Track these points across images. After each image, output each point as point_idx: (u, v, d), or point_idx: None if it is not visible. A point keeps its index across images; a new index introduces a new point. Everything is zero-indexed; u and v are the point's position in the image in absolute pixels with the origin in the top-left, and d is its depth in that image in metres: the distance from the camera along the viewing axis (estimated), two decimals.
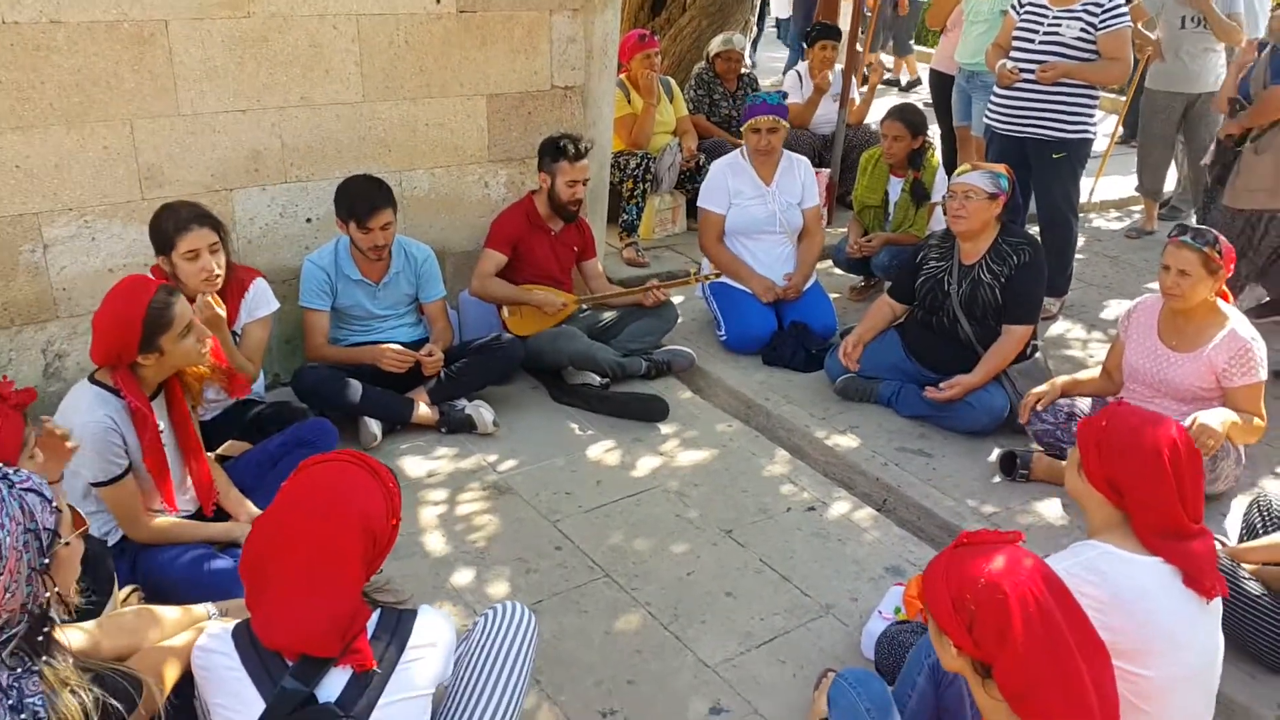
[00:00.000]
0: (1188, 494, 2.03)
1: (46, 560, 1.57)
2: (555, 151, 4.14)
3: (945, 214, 3.95)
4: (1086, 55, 4.54)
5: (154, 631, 2.00)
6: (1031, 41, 4.63)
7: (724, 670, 2.70)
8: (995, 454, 3.73)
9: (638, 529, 3.31)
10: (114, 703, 1.64)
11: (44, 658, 1.59)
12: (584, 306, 4.47)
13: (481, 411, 3.85)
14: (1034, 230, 4.78)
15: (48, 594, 1.60)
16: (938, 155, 5.22)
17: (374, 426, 3.72)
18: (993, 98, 4.89)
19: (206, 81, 3.62)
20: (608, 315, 4.46)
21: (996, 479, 3.61)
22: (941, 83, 6.70)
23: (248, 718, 1.77)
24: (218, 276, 3.19)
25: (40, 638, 1.60)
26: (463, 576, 3.06)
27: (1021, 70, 4.63)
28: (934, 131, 6.85)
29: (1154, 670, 1.99)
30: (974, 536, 1.73)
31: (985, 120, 4.98)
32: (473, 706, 2.05)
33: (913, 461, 3.72)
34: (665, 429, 3.97)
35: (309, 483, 1.87)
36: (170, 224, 3.13)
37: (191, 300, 2.93)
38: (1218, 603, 2.10)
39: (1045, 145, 4.73)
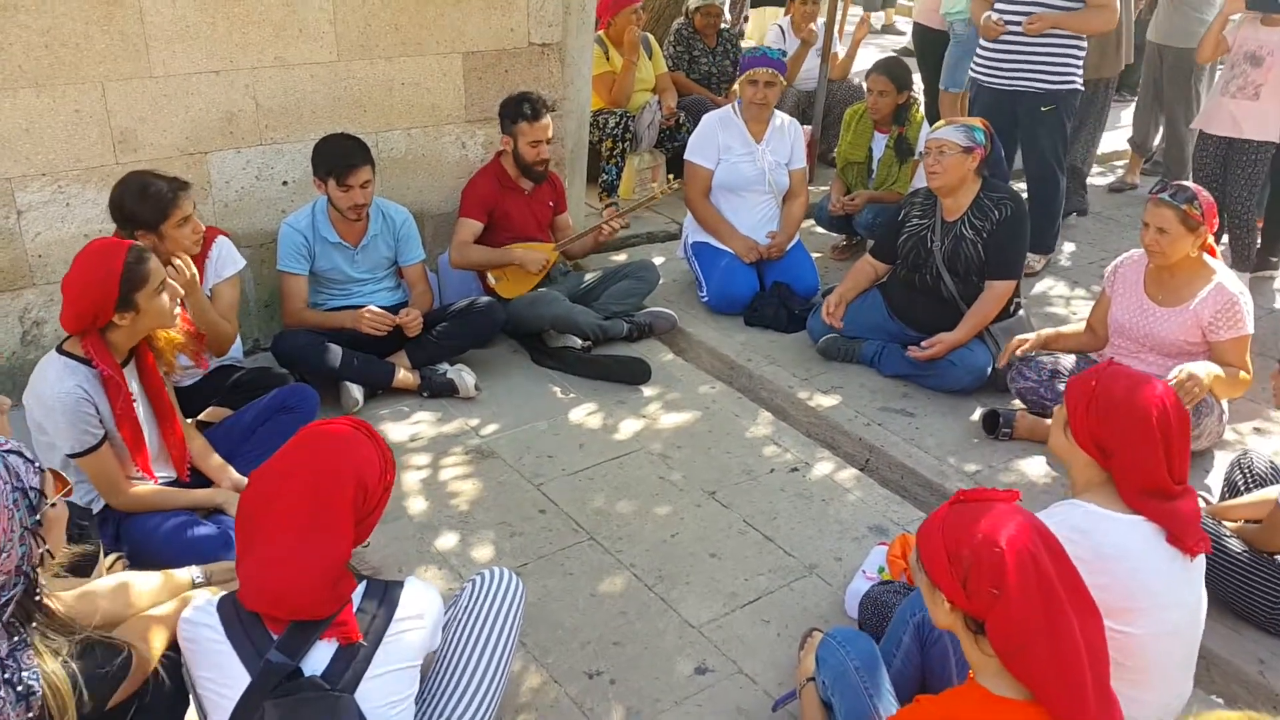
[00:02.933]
0: (1174, 456, 2.05)
1: (37, 518, 1.59)
2: (514, 112, 4.08)
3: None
4: (1073, 5, 4.50)
5: (134, 602, 1.99)
6: None
7: (709, 630, 2.73)
8: (978, 413, 3.75)
9: (621, 491, 3.32)
10: (103, 670, 1.65)
11: (34, 625, 1.61)
12: (563, 265, 4.44)
13: (463, 375, 3.84)
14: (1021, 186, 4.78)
15: (39, 552, 1.61)
16: (922, 110, 5.18)
17: (355, 391, 3.70)
18: (979, 51, 4.86)
19: (179, 42, 3.54)
20: (588, 278, 4.44)
21: (979, 438, 3.63)
22: (924, 35, 6.64)
23: (234, 691, 1.77)
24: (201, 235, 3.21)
25: (35, 601, 1.62)
26: (447, 541, 3.06)
27: (1007, 22, 4.59)
28: (918, 86, 6.83)
29: (1137, 627, 2.02)
30: (971, 494, 1.74)
31: (970, 74, 4.94)
32: (461, 670, 2.07)
33: (895, 421, 3.74)
34: (648, 391, 3.97)
35: (306, 440, 1.90)
36: (162, 196, 3.06)
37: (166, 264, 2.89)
38: (1201, 560, 2.12)
39: (1033, 98, 4.70)
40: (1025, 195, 4.96)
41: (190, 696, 1.99)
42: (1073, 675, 1.59)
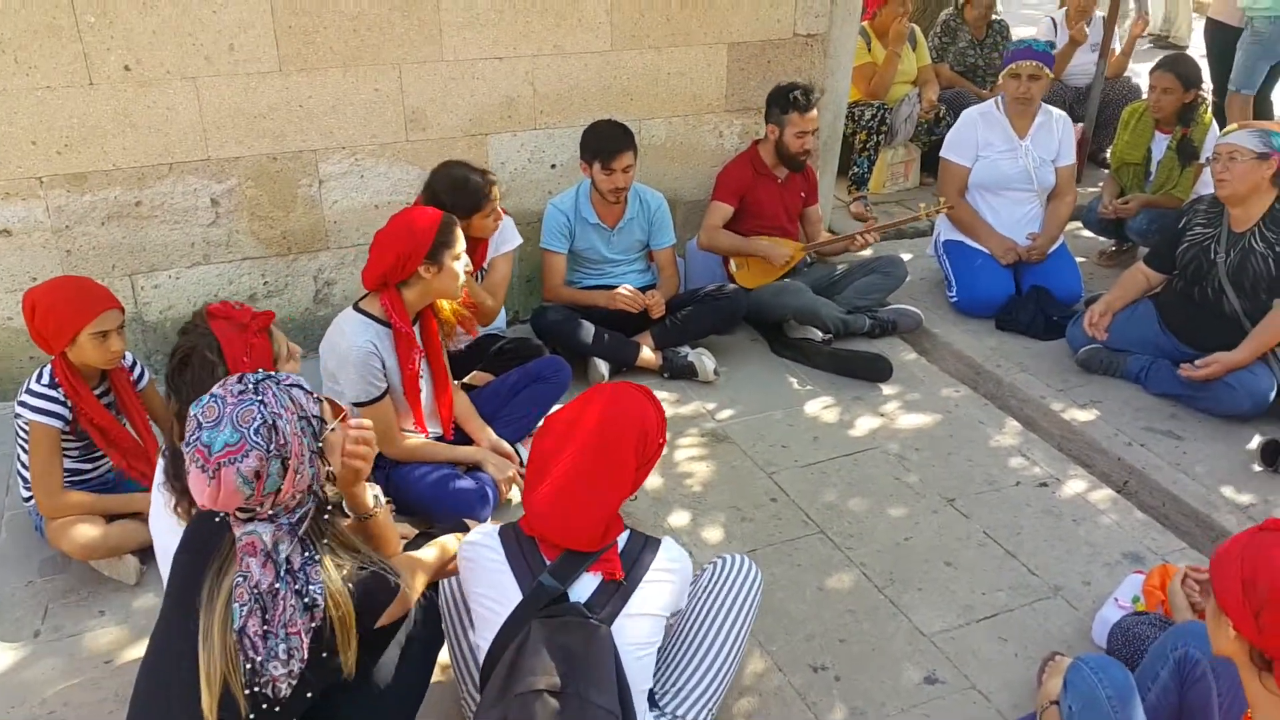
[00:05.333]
0: None
1: (320, 444, 1.75)
2: (785, 102, 4.09)
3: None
4: None
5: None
6: None
7: (940, 641, 2.66)
8: (1256, 441, 3.43)
9: (854, 488, 3.29)
10: (373, 594, 1.81)
11: (325, 540, 1.78)
12: (808, 258, 4.43)
13: (703, 359, 3.92)
14: None
15: (326, 472, 1.79)
16: (1210, 111, 4.76)
17: (602, 367, 3.86)
18: None
19: (469, 29, 3.81)
20: (834, 270, 4.40)
21: (1256, 468, 3.32)
22: (1219, 33, 6.08)
23: (505, 607, 1.94)
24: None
25: (325, 515, 1.79)
26: (679, 518, 3.15)
27: None
28: (1207, 87, 6.27)
29: None
30: None
31: None
32: (698, 645, 2.14)
33: (1160, 443, 3.48)
34: (887, 390, 3.89)
35: (599, 392, 2.09)
36: (478, 190, 3.31)
37: None
38: None
39: None
40: None
41: (452, 624, 2.17)
42: None
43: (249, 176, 3.69)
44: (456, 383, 3.29)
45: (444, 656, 2.24)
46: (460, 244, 2.85)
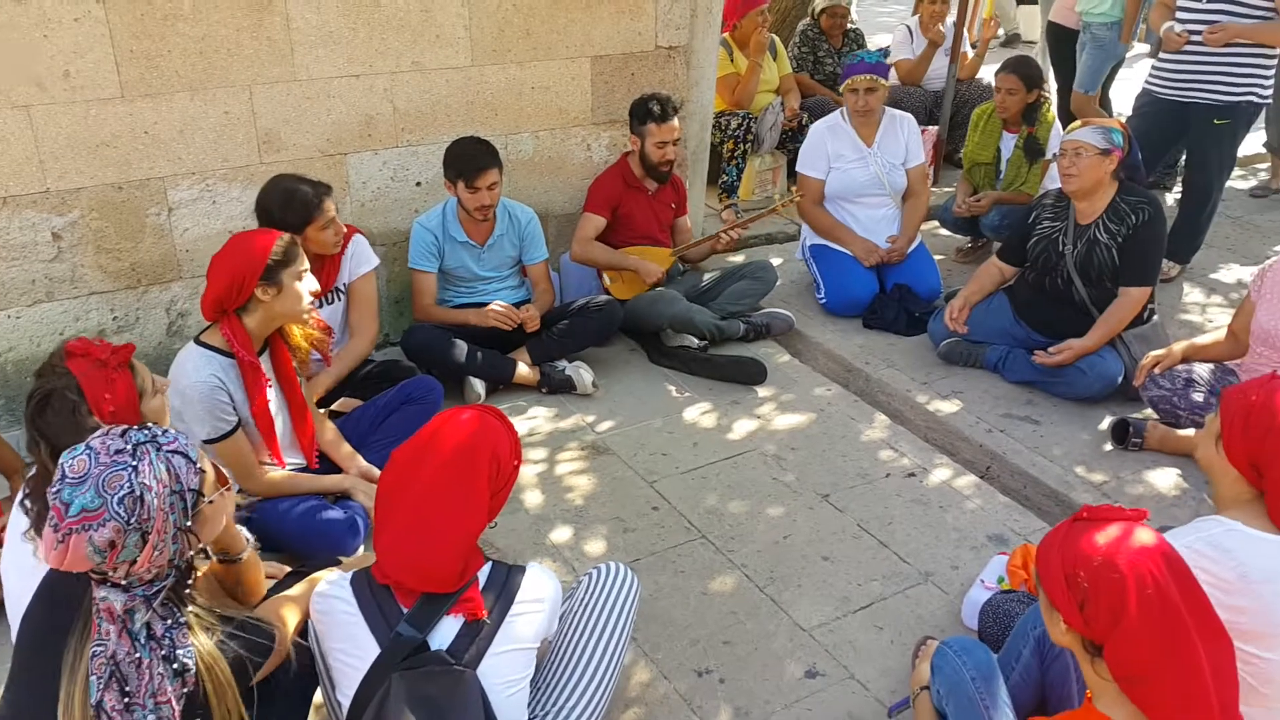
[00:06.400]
0: None
1: (189, 521, 1.67)
2: (643, 113, 4.13)
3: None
4: (1262, 14, 4.23)
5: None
6: (1199, 0, 4.36)
7: (820, 634, 2.71)
8: (1107, 421, 3.62)
9: (734, 491, 3.33)
10: (249, 653, 1.74)
11: (190, 608, 1.70)
12: (680, 266, 4.48)
13: (581, 372, 3.91)
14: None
15: (192, 551, 1.71)
16: (1054, 110, 5.01)
17: (478, 385, 3.81)
18: (1156, 64, 4.65)
19: (322, 47, 3.72)
20: (706, 278, 4.46)
21: (1108, 447, 3.50)
22: (1059, 35, 6.42)
23: (363, 662, 1.86)
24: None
25: (186, 589, 1.71)
26: (561, 534, 3.13)
27: (1190, 32, 4.37)
28: (1050, 86, 6.61)
29: (1277, 653, 1.92)
30: (1095, 511, 1.67)
31: (1146, 85, 4.71)
32: (575, 662, 2.12)
33: (1019, 428, 3.63)
34: (763, 392, 3.96)
35: (445, 419, 1.98)
36: (308, 201, 3.21)
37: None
38: None
39: (1208, 109, 4.47)
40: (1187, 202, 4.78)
41: (319, 675, 2.10)
42: (1196, 706, 1.51)
43: (93, 207, 3.52)
44: (321, 410, 3.20)
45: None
46: (301, 263, 2.75)
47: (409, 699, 1.76)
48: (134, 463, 1.59)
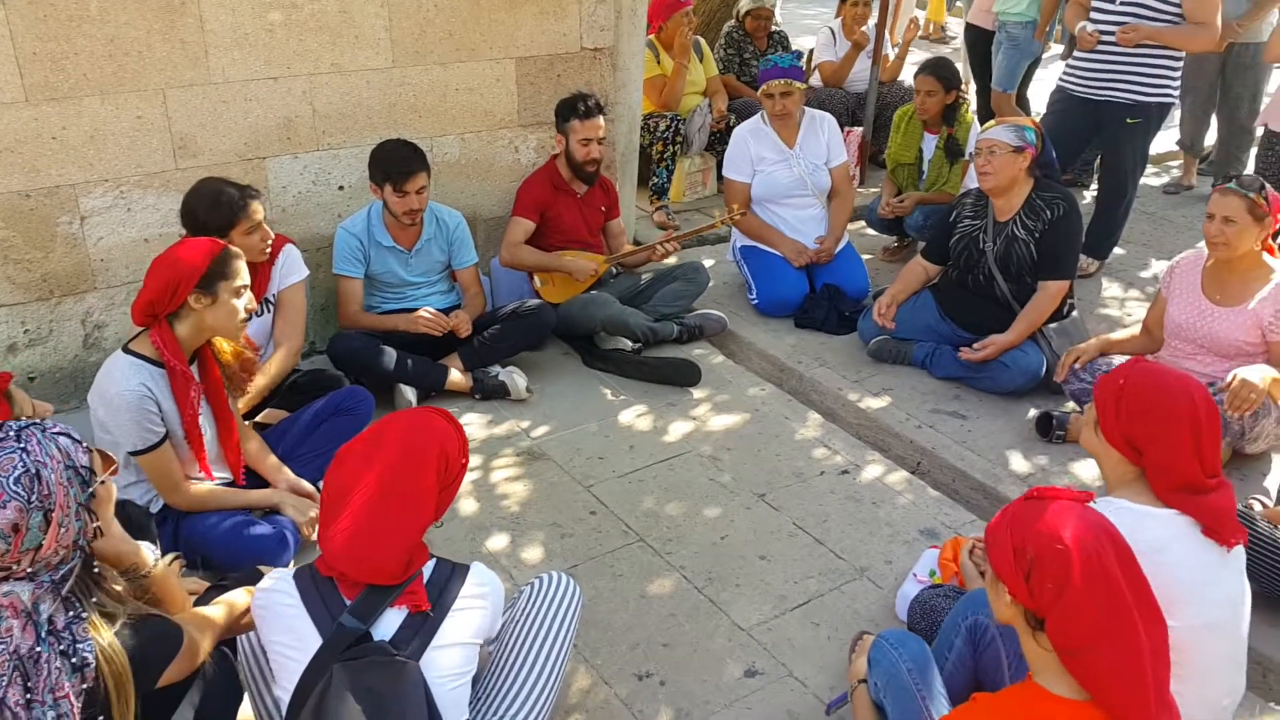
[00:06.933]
0: (1206, 450, 2.01)
1: (90, 492, 1.66)
2: (567, 111, 4.12)
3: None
4: (1170, 18, 4.37)
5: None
6: (1112, 2, 4.48)
7: (758, 633, 2.72)
8: (1031, 414, 3.70)
9: (671, 493, 3.33)
10: (151, 647, 1.71)
11: (94, 599, 1.67)
12: (614, 270, 4.47)
13: (514, 377, 3.87)
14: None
15: (93, 528, 1.68)
16: (972, 110, 5.12)
17: (409, 393, 3.75)
18: (1070, 62, 4.77)
19: (238, 49, 3.62)
20: (639, 280, 4.45)
21: (1032, 440, 3.58)
22: (977, 36, 6.57)
23: (304, 654, 1.83)
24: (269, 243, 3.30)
25: (92, 575, 1.68)
26: (498, 541, 3.09)
27: (1101, 32, 4.50)
28: (970, 87, 6.76)
29: (1175, 619, 1.96)
30: (1044, 491, 1.73)
31: (1059, 82, 4.83)
32: (517, 671, 2.10)
33: (947, 423, 3.69)
34: (698, 393, 3.97)
35: (393, 418, 2.01)
36: (233, 203, 3.12)
37: None
38: (1240, 553, 2.08)
39: (1120, 109, 4.60)
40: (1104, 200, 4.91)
41: (249, 682, 2.04)
42: (1135, 679, 1.56)
43: None
44: (247, 423, 3.11)
45: (248, 710, 2.11)
46: (241, 279, 2.67)
47: (351, 689, 1.75)
48: (21, 445, 1.58)
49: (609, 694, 2.51)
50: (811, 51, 6.62)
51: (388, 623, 1.87)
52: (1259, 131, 5.05)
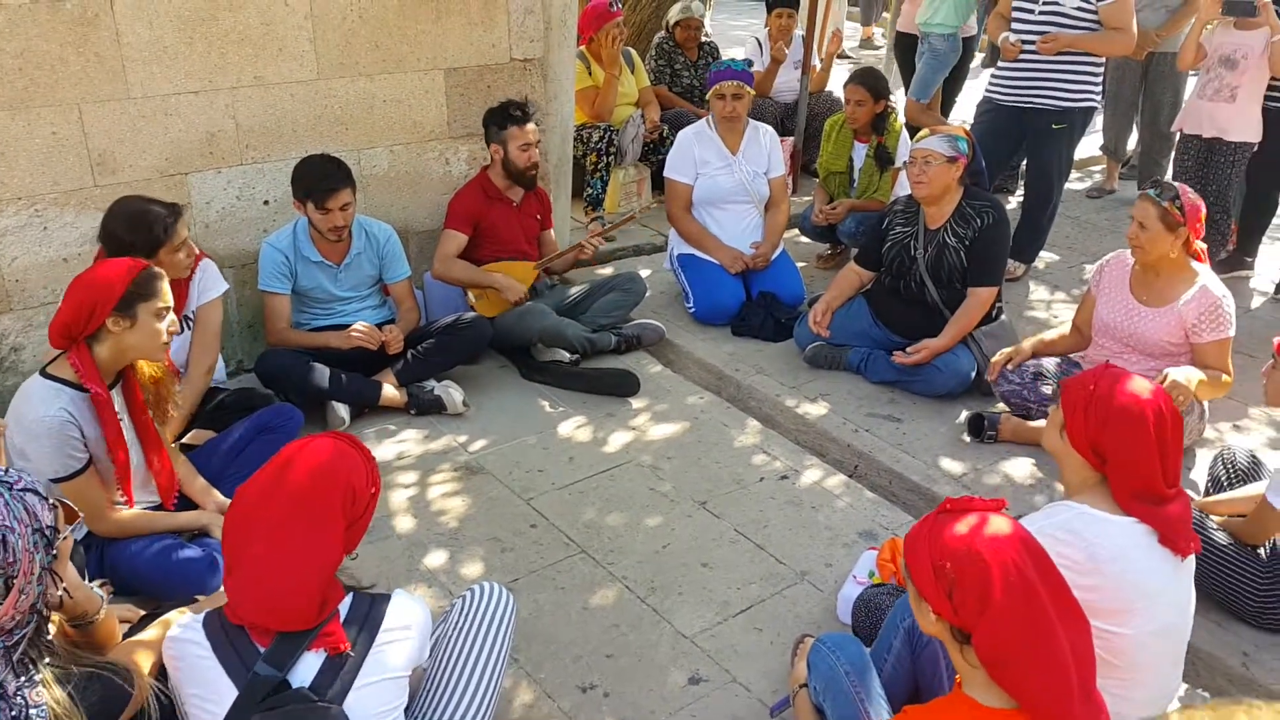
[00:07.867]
0: (1169, 460, 2.04)
1: (52, 557, 1.59)
2: (502, 118, 4.08)
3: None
4: (1088, 25, 4.49)
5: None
6: (1031, 12, 4.59)
7: (702, 640, 2.71)
8: (963, 416, 3.76)
9: (612, 504, 3.31)
10: (106, 702, 1.65)
11: (46, 660, 1.60)
12: (549, 280, 4.44)
13: (450, 392, 3.82)
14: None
15: (57, 591, 1.62)
16: (901, 119, 5.21)
17: (341, 410, 3.68)
18: (995, 71, 4.87)
19: (156, 63, 3.53)
20: (575, 291, 4.43)
21: (965, 440, 3.64)
22: (906, 45, 6.69)
23: (220, 707, 1.75)
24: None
25: (45, 640, 1.62)
26: (436, 558, 3.04)
27: (1024, 42, 4.60)
28: (898, 96, 6.86)
29: (1129, 628, 2.02)
30: (957, 503, 1.71)
31: (986, 92, 4.94)
32: (452, 688, 2.05)
33: (883, 426, 3.74)
34: (636, 403, 3.96)
35: (293, 450, 1.89)
36: (161, 222, 3.02)
37: None
38: (1191, 559, 2.12)
39: (1045, 115, 4.71)
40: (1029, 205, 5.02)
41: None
42: (1059, 686, 1.57)
43: None
44: (174, 444, 3.02)
45: None
46: (164, 299, 2.57)
47: None
48: None
49: (552, 708, 2.48)
50: (750, 60, 6.67)
51: (306, 667, 1.79)
52: (1176, 136, 5.22)
